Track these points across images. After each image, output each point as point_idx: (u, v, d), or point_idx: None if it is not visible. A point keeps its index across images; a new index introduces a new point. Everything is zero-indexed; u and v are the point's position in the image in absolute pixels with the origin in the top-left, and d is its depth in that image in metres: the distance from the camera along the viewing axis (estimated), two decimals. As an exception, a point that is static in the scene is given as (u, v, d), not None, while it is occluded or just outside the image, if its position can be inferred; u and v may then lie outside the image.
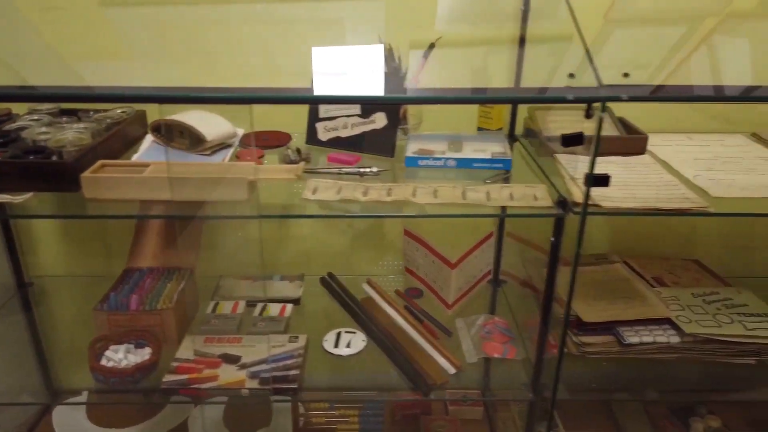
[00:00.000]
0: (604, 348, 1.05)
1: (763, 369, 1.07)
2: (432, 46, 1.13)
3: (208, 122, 1.02)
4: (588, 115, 0.81)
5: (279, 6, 1.24)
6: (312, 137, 1.15)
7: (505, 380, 1.11)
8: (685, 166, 1.06)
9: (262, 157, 1.09)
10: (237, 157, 1.07)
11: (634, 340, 1.04)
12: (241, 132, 1.10)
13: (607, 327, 1.07)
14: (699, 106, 1.28)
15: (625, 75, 0.81)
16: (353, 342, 1.15)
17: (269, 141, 1.15)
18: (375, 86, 0.95)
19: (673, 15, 1.22)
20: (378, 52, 1.04)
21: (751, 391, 1.11)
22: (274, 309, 1.22)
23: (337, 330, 1.18)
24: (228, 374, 1.04)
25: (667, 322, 1.07)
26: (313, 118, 1.15)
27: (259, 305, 1.23)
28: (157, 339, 1.06)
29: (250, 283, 1.32)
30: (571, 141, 0.82)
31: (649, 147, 1.10)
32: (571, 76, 0.82)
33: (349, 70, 0.91)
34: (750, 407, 1.43)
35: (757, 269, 1.39)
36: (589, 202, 0.85)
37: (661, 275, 1.23)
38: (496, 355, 1.11)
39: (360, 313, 1.21)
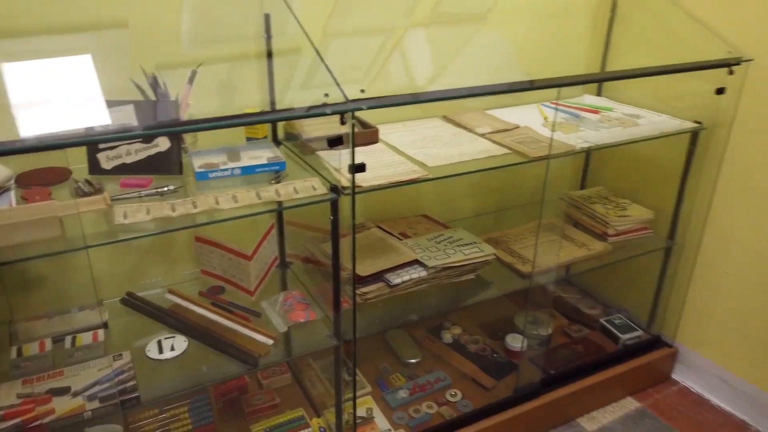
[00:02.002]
0: (379, 293, 1.39)
1: (479, 281, 1.53)
2: (194, 72, 1.30)
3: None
4: (342, 122, 1.10)
5: (18, 42, 1.25)
6: (95, 167, 1.21)
7: (313, 340, 1.36)
8: (407, 147, 1.44)
9: (50, 194, 1.12)
10: (24, 198, 1.09)
11: (397, 281, 1.39)
12: (10, 173, 1.12)
13: (377, 277, 1.40)
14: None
15: (362, 91, 1.11)
16: (176, 344, 1.27)
17: (49, 178, 1.18)
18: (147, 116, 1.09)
19: (375, 27, 1.60)
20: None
21: (474, 297, 1.57)
22: (85, 338, 1.26)
23: (157, 338, 1.28)
24: (63, 405, 1.08)
25: (416, 262, 1.45)
26: (93, 149, 1.21)
27: (68, 338, 1.25)
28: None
29: (45, 321, 1.31)
30: (335, 142, 1.11)
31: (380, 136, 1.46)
32: (326, 95, 1.09)
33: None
34: (475, 310, 1.96)
35: (463, 213, 1.90)
36: (355, 185, 1.14)
37: (404, 230, 1.62)
38: (301, 320, 1.35)
39: (172, 319, 1.33)
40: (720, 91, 1.54)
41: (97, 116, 1.06)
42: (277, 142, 1.45)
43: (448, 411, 1.56)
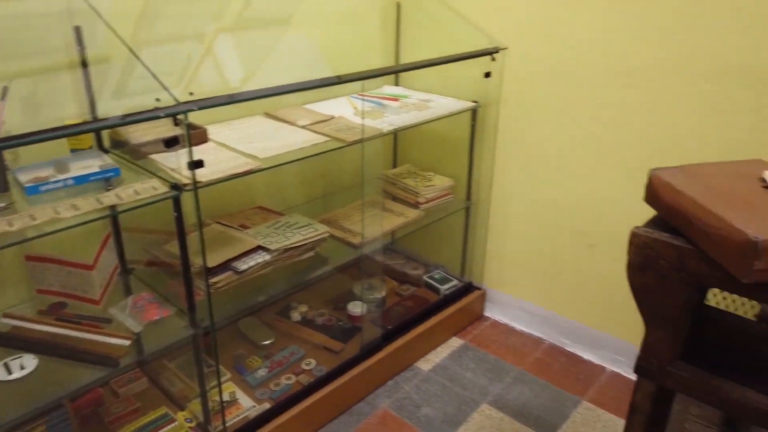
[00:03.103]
0: (228, 280, 1.49)
1: (318, 258, 1.71)
2: (5, 88, 1.27)
3: None
4: (176, 123, 1.19)
5: None
6: None
7: (171, 334, 1.42)
8: (236, 143, 1.55)
9: None
10: None
11: (244, 267, 1.51)
12: None
13: (225, 266, 1.50)
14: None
15: (191, 93, 1.21)
16: (25, 363, 1.25)
17: None
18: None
19: (184, 34, 1.68)
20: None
21: (316, 272, 1.74)
22: None
23: (2, 361, 1.25)
24: None
25: (259, 248, 1.58)
26: None
27: None
28: None
29: None
30: (171, 143, 1.19)
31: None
32: (158, 100, 1.17)
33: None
34: (318, 287, 2.14)
35: (295, 201, 2.06)
36: (196, 181, 1.24)
37: (243, 222, 1.73)
38: (155, 318, 1.41)
39: (13, 338, 1.30)
40: (487, 74, 1.90)
41: None
42: (103, 150, 1.47)
43: (305, 378, 1.72)
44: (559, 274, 2.00)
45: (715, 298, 1.52)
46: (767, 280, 0.70)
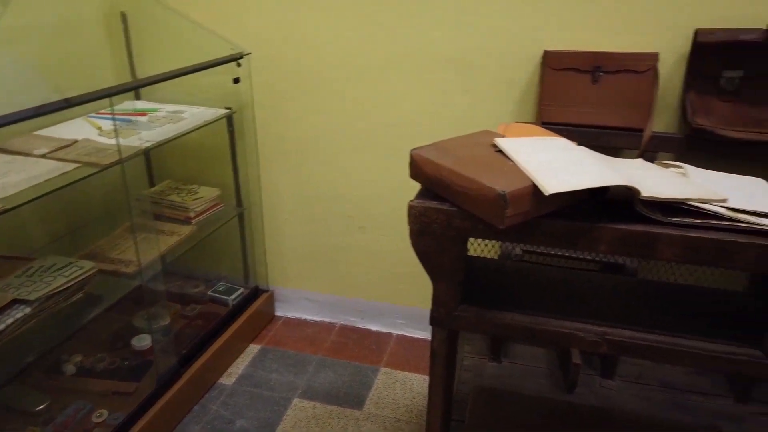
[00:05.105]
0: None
1: (90, 298, 1.54)
2: None
3: None
4: None
5: None
6: None
7: None
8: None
9: None
10: None
11: (1, 327, 1.29)
12: None
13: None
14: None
15: None
16: None
17: None
18: None
19: None
20: None
21: (90, 314, 1.57)
22: None
23: None
24: None
25: (15, 302, 1.36)
26: None
27: None
28: None
29: None
30: None
31: None
32: None
33: None
34: (92, 330, 1.93)
35: (45, 240, 1.80)
36: None
37: (-17, 277, 1.47)
38: None
39: None
40: (236, 80, 1.92)
41: None
42: None
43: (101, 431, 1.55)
44: (338, 259, 2.14)
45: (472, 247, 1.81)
46: (517, 222, 0.89)
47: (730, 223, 0.86)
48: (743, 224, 0.86)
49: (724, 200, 0.88)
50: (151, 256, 1.70)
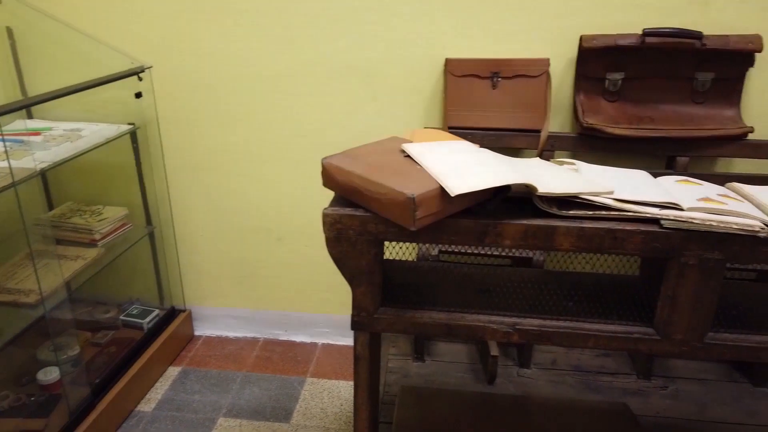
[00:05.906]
0: None
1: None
2: None
3: None
4: None
5: None
6: None
7: None
8: None
9: None
10: None
11: None
12: None
13: None
14: None
15: None
16: None
17: None
18: None
19: None
20: None
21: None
22: None
23: None
24: None
25: None
26: None
27: None
28: None
29: None
30: None
31: None
32: None
33: None
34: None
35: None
36: None
37: None
38: None
39: None
40: (138, 95, 1.85)
41: None
42: None
43: (7, 476, 1.44)
44: (256, 273, 2.11)
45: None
46: (427, 224, 0.92)
47: (618, 213, 0.95)
48: (629, 213, 0.94)
49: (611, 192, 0.97)
50: (54, 283, 1.61)
